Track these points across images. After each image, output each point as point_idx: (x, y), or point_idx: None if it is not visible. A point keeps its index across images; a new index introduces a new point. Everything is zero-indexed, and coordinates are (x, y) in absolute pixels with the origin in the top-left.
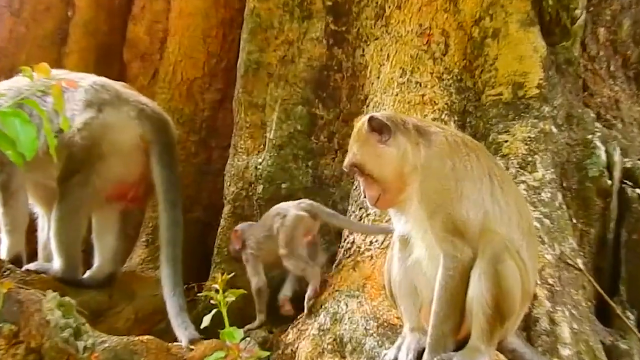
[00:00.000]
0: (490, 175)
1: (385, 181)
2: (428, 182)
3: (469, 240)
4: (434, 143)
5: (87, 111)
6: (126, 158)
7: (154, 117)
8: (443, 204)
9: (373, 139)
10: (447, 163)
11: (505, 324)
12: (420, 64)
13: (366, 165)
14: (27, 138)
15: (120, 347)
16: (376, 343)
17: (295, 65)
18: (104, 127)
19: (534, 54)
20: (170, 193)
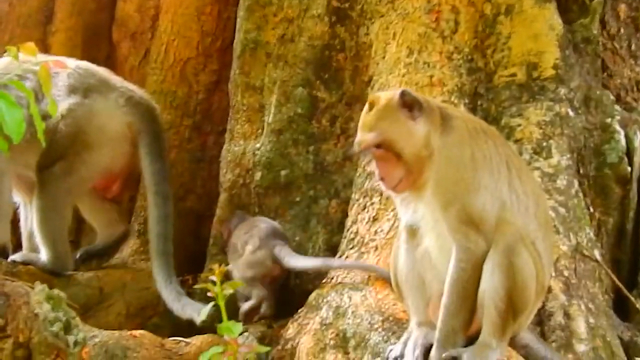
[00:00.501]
0: (508, 164)
1: (411, 161)
2: (445, 171)
3: (484, 232)
4: (454, 129)
5: (72, 97)
6: (113, 147)
7: (142, 105)
8: (459, 195)
9: (403, 115)
10: (467, 152)
11: (518, 318)
12: (429, 42)
13: (397, 143)
14: (13, 121)
15: (112, 342)
16: (381, 338)
17: (295, 44)
18: (90, 114)
19: (549, 32)
20: (160, 185)
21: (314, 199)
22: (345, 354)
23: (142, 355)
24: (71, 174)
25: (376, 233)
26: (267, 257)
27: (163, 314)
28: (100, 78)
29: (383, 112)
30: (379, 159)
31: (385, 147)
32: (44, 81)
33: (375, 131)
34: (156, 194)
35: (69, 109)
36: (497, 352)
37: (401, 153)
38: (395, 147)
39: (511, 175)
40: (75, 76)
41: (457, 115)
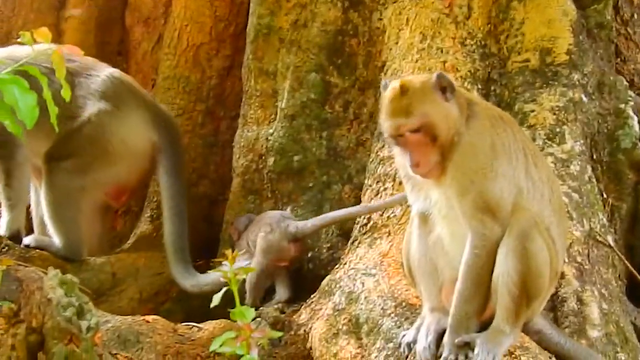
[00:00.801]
0: (525, 150)
1: (446, 145)
2: (466, 158)
3: (500, 219)
4: (477, 116)
5: (102, 102)
6: (132, 162)
7: (166, 123)
8: (477, 182)
9: (439, 97)
10: (487, 140)
11: (532, 304)
12: (442, 28)
13: (437, 126)
14: (26, 106)
15: (124, 327)
16: (394, 324)
17: (309, 29)
18: (117, 125)
19: (563, 18)
20: (178, 204)
21: (327, 184)
22: (358, 340)
23: (154, 340)
24: (85, 174)
25: (389, 218)
26: (282, 238)
27: (176, 299)
28: (131, 90)
29: (421, 96)
30: (414, 144)
31: (424, 130)
32: (58, 66)
33: (415, 115)
34: (173, 212)
35: (98, 113)
36: (511, 338)
37: (439, 136)
38: (435, 131)
39: (528, 162)
40: (108, 84)
41: (479, 101)
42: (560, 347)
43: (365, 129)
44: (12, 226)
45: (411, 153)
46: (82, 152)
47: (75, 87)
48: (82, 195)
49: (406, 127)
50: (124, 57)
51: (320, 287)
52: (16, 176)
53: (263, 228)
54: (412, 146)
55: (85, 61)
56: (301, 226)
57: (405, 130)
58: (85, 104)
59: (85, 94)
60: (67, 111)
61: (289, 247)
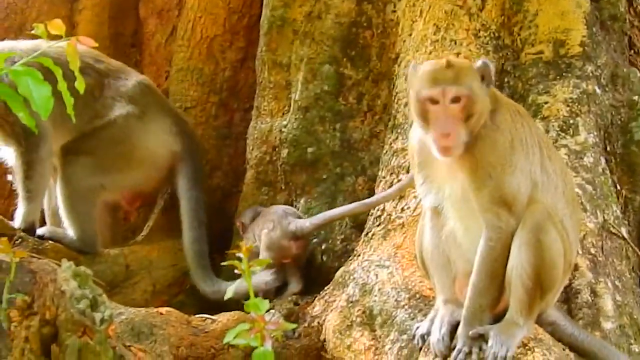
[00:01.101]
0: (540, 145)
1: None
2: (485, 152)
3: (515, 213)
4: (499, 110)
5: (131, 106)
6: (153, 169)
7: (189, 135)
8: (495, 176)
9: (478, 79)
10: (507, 135)
11: (546, 296)
12: (456, 20)
13: (476, 103)
14: (41, 97)
15: (138, 319)
16: (408, 316)
17: (322, 21)
18: (143, 131)
19: (576, 10)
20: (197, 213)
21: (340, 176)
22: (371, 331)
23: (168, 332)
24: (104, 174)
25: (402, 210)
26: (282, 237)
27: (189, 291)
28: (158, 98)
29: (467, 71)
30: (449, 114)
31: (464, 103)
32: (72, 58)
33: (460, 85)
34: (193, 221)
35: (127, 116)
36: (524, 330)
37: (473, 115)
38: (472, 108)
39: (543, 156)
40: (137, 89)
41: (503, 97)
42: (574, 339)
43: (379, 120)
44: (27, 219)
45: (444, 122)
46: (104, 152)
47: (104, 87)
48: (99, 193)
49: (450, 92)
50: (137, 48)
51: (334, 279)
52: (37, 170)
53: (266, 225)
54: (447, 116)
55: (113, 64)
56: (300, 225)
57: (449, 96)
58: (114, 105)
59: (114, 95)
60: (95, 110)
61: (290, 245)
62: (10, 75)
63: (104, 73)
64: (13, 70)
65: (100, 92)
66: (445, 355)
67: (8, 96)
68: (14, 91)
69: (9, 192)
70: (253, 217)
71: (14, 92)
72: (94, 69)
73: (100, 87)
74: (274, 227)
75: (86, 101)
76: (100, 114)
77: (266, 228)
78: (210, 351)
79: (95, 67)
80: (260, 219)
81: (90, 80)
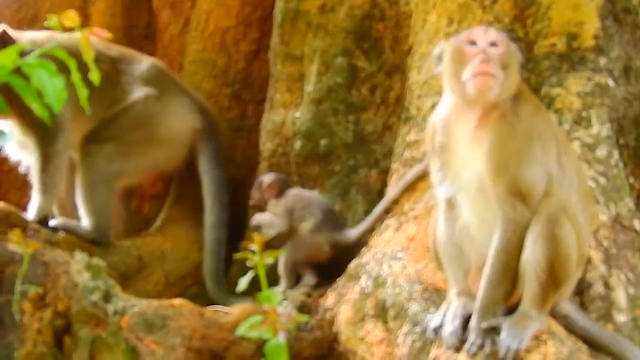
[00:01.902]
0: (557, 140)
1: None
2: (504, 138)
3: (531, 206)
4: (523, 99)
5: (148, 88)
6: (175, 149)
7: (208, 114)
8: (512, 166)
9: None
10: (527, 126)
11: (559, 289)
12: (469, 12)
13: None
14: (54, 89)
15: (151, 311)
16: (420, 308)
17: (336, 14)
18: (165, 111)
19: (589, 2)
20: (219, 193)
21: (353, 168)
22: (384, 324)
23: (181, 324)
24: (127, 158)
25: (415, 202)
26: (325, 243)
27: (202, 283)
28: (174, 80)
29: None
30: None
31: (502, 50)
32: (85, 49)
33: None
34: (215, 202)
35: (146, 98)
36: (537, 323)
37: (508, 67)
38: (509, 59)
39: (559, 151)
40: (152, 71)
41: (527, 89)
42: (587, 332)
43: (392, 113)
44: (41, 211)
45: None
46: (126, 136)
47: (119, 73)
48: (119, 178)
49: (490, 34)
50: (150, 40)
51: (346, 271)
52: (54, 163)
53: (310, 218)
54: (486, 55)
55: (123, 50)
56: (347, 236)
57: (489, 37)
58: (131, 89)
59: (129, 80)
60: (113, 95)
61: (329, 252)
62: (23, 67)
63: (116, 59)
64: (26, 62)
65: (116, 77)
66: (457, 347)
67: (21, 88)
68: (27, 83)
69: (21, 183)
70: (282, 189)
71: (26, 84)
72: (107, 55)
73: (116, 73)
74: (319, 228)
75: (104, 88)
76: (119, 99)
77: (309, 223)
78: (222, 343)
79: (108, 54)
80: (296, 201)
81: (105, 66)
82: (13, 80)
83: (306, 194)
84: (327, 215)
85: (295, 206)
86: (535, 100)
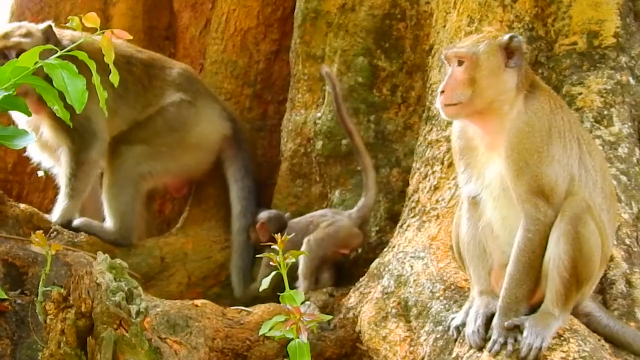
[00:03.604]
0: (580, 140)
1: (478, 95)
2: (521, 138)
3: (553, 204)
4: (538, 98)
5: (181, 93)
6: (204, 154)
7: (237, 122)
8: (532, 164)
9: (501, 55)
10: (545, 124)
11: (582, 288)
12: (489, 11)
13: (478, 69)
14: (76, 91)
15: (173, 311)
16: (443, 307)
17: (356, 13)
18: (198, 117)
19: (610, 1)
20: (248, 200)
21: (375, 167)
22: (407, 323)
23: (203, 324)
24: (156, 161)
25: (437, 202)
26: (351, 225)
27: (224, 283)
28: (204, 86)
29: (482, 40)
30: (453, 74)
31: (466, 65)
32: (107, 51)
33: (465, 48)
34: (244, 210)
35: (179, 103)
36: (560, 321)
37: (477, 80)
38: (476, 71)
39: (582, 151)
40: (184, 76)
41: (545, 87)
42: (609, 330)
43: (413, 112)
44: (65, 215)
45: (446, 80)
46: (157, 139)
47: (151, 77)
48: (146, 180)
49: (454, 54)
50: (171, 41)
51: (369, 271)
52: (85, 170)
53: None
54: (451, 75)
55: (153, 54)
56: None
57: (453, 58)
58: (164, 93)
59: (162, 84)
60: (146, 99)
61: (359, 232)
62: (46, 68)
63: (147, 63)
64: (48, 64)
65: (149, 81)
66: (480, 346)
67: (43, 89)
68: (49, 84)
69: (43, 185)
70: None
71: (48, 85)
72: (138, 59)
73: (148, 77)
74: (335, 219)
75: (137, 91)
76: (152, 102)
77: (324, 223)
78: (245, 343)
79: (139, 58)
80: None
81: (137, 70)
82: (34, 82)
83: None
84: (335, 213)
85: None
86: (554, 98)
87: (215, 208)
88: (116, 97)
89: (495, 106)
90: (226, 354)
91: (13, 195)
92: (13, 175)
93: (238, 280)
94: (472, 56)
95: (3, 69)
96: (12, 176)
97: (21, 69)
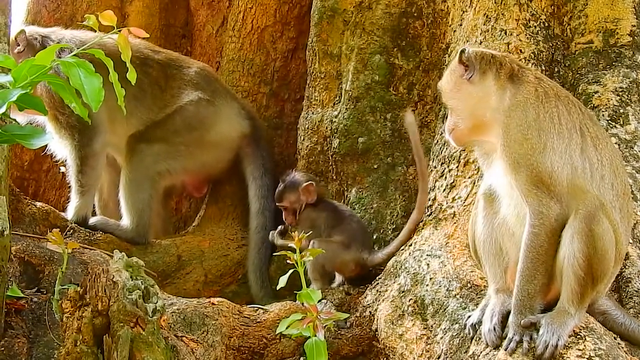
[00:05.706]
0: (582, 130)
1: (459, 115)
2: (510, 132)
3: (556, 195)
4: (520, 92)
5: (199, 92)
6: (223, 152)
7: (257, 120)
8: (525, 155)
9: (459, 71)
10: (530, 113)
11: (597, 286)
12: (505, 9)
13: (445, 94)
14: (92, 89)
15: (190, 310)
16: (459, 305)
17: (373, 11)
18: (216, 115)
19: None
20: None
21: (391, 165)
22: (423, 321)
23: (220, 322)
24: (174, 159)
25: (454, 200)
26: (352, 260)
27: (241, 281)
28: (223, 85)
29: (449, 70)
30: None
31: (446, 98)
32: (124, 49)
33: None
34: (262, 208)
35: (198, 102)
36: (576, 319)
37: (453, 107)
38: (448, 101)
39: (585, 142)
40: (202, 76)
41: (531, 79)
42: (625, 328)
43: (429, 110)
44: (80, 212)
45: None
46: (175, 137)
47: (168, 77)
48: (164, 178)
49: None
50: (188, 39)
51: (385, 269)
52: (91, 164)
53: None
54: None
55: (170, 54)
56: (373, 258)
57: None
58: (181, 93)
59: (179, 84)
60: (164, 100)
61: (355, 269)
62: (62, 66)
63: (164, 63)
64: (64, 62)
65: (165, 82)
66: (496, 344)
67: (59, 87)
68: (66, 82)
69: (60, 183)
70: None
71: (65, 83)
72: (155, 60)
73: (165, 78)
74: (349, 245)
75: (154, 93)
76: (170, 103)
77: (339, 237)
78: (262, 341)
79: (156, 59)
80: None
81: (154, 72)
82: (51, 80)
83: (341, 208)
84: (358, 232)
85: (327, 222)
86: (541, 86)
87: (232, 206)
88: (132, 98)
89: (480, 115)
90: (243, 352)
91: (29, 193)
92: (29, 173)
93: (255, 279)
94: (440, 88)
95: (20, 67)
96: (29, 174)
97: (38, 67)
